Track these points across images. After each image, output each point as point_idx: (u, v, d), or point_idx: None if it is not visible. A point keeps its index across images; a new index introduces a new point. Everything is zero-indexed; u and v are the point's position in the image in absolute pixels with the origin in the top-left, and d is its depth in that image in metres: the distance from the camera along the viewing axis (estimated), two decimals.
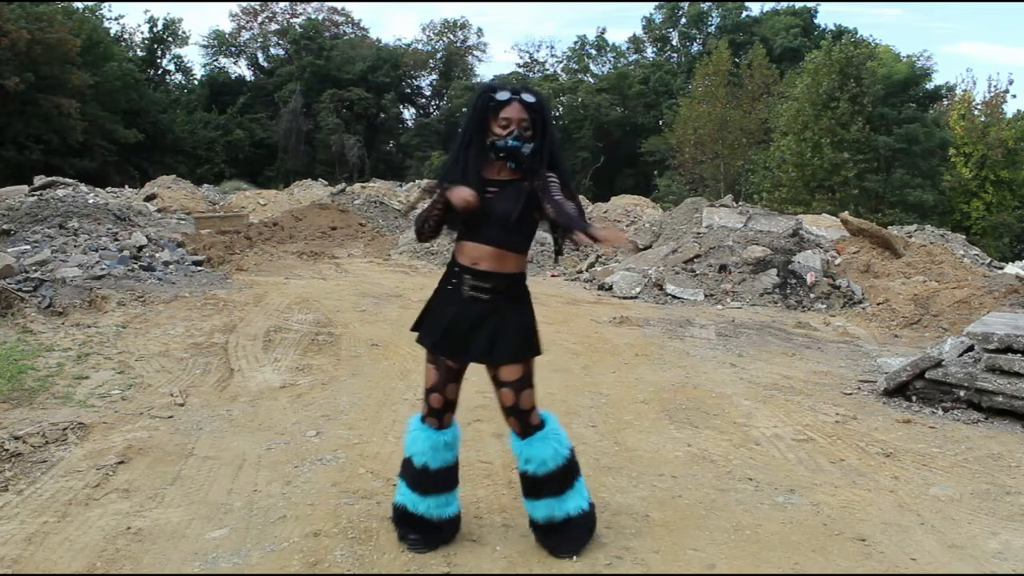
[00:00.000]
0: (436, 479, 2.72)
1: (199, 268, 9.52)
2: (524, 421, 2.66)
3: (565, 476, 2.70)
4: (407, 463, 2.75)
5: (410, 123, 52.45)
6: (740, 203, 15.57)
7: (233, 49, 51.76)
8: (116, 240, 9.54)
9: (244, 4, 51.05)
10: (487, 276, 2.60)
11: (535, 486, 2.69)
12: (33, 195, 13.00)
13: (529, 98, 2.57)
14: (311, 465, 3.53)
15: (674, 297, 9.40)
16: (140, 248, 9.43)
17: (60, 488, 3.19)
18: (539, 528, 2.74)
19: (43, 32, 30.51)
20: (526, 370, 2.64)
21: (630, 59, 50.37)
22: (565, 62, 51.97)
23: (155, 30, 46.78)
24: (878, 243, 10.83)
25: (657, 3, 48.36)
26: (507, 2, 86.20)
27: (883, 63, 30.13)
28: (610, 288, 10.00)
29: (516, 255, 2.65)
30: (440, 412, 2.71)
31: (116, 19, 58.69)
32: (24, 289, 6.79)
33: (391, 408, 4.46)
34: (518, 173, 2.59)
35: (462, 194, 2.47)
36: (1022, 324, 4.76)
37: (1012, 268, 12.64)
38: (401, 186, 25.73)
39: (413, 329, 2.80)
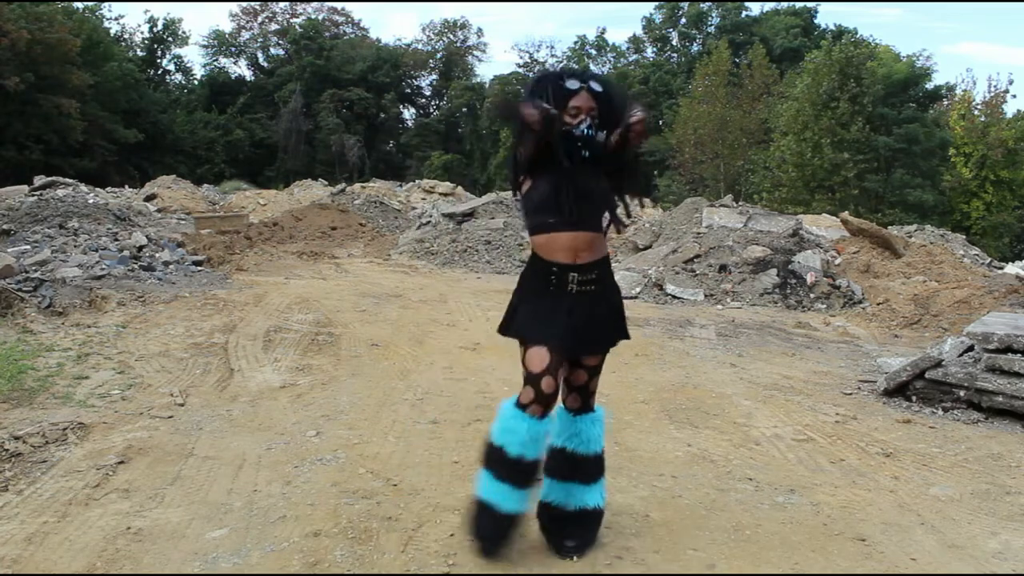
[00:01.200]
0: (530, 471, 2.56)
1: (199, 268, 9.52)
2: (586, 400, 2.69)
3: (598, 466, 2.74)
4: (497, 453, 2.55)
5: (410, 123, 52.50)
6: (740, 203, 15.57)
7: (233, 49, 51.80)
8: (116, 240, 9.54)
9: (244, 4, 51.13)
10: (590, 268, 2.58)
11: (570, 465, 2.67)
12: (33, 195, 13.00)
13: (597, 87, 2.55)
14: (311, 465, 3.53)
15: (674, 297, 9.40)
16: (140, 248, 9.43)
17: (60, 488, 3.19)
18: (550, 512, 2.70)
19: (43, 32, 30.53)
20: (605, 355, 2.69)
21: (630, 59, 50.39)
22: (565, 62, 51.95)
23: (155, 30, 46.83)
24: (878, 243, 10.83)
25: (657, 3, 48.38)
26: (507, 2, 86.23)
27: (883, 63, 30.15)
28: None
29: (603, 237, 2.65)
30: (549, 398, 2.51)
31: (116, 19, 58.75)
32: (24, 289, 6.79)
33: (391, 408, 4.46)
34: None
35: (533, 112, 2.35)
36: (1022, 324, 4.76)
37: (1012, 268, 12.64)
38: (401, 186, 25.73)
39: (503, 333, 2.67)
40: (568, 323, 2.53)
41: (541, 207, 2.55)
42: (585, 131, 2.48)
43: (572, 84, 2.52)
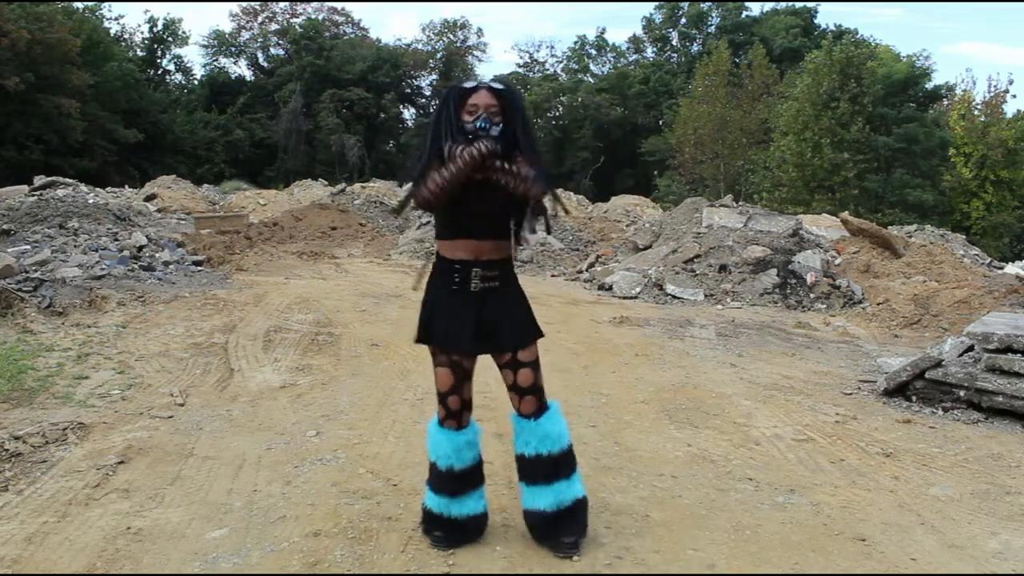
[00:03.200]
0: (463, 479, 2.74)
1: (199, 268, 9.52)
2: (541, 399, 2.72)
3: (572, 458, 2.77)
4: (432, 468, 2.77)
5: (410, 123, 52.44)
6: (740, 203, 15.57)
7: (233, 49, 51.76)
8: (116, 240, 9.54)
9: (244, 4, 51.08)
10: (493, 265, 2.66)
11: (552, 467, 2.69)
12: (33, 195, 13.00)
13: (496, 86, 2.64)
14: (311, 465, 3.53)
15: (674, 297, 9.40)
16: (140, 248, 9.43)
17: (60, 488, 3.19)
18: (546, 518, 2.70)
19: (43, 32, 30.51)
20: (535, 348, 2.73)
21: (630, 59, 50.39)
22: (565, 62, 52.01)
23: (155, 30, 46.80)
24: (878, 243, 10.83)
25: (657, 3, 48.40)
26: (507, 2, 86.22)
27: (883, 63, 30.15)
28: (610, 288, 10.00)
29: (508, 242, 2.72)
30: (459, 413, 2.73)
31: (116, 19, 58.76)
32: (24, 289, 6.79)
33: (391, 408, 4.46)
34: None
35: (474, 150, 2.49)
36: (1022, 324, 4.76)
37: (1012, 268, 12.63)
38: (401, 186, 25.72)
39: (420, 341, 2.77)
40: (473, 321, 2.63)
41: (444, 220, 2.67)
42: (478, 124, 2.56)
43: (469, 84, 2.64)
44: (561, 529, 2.70)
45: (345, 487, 3.28)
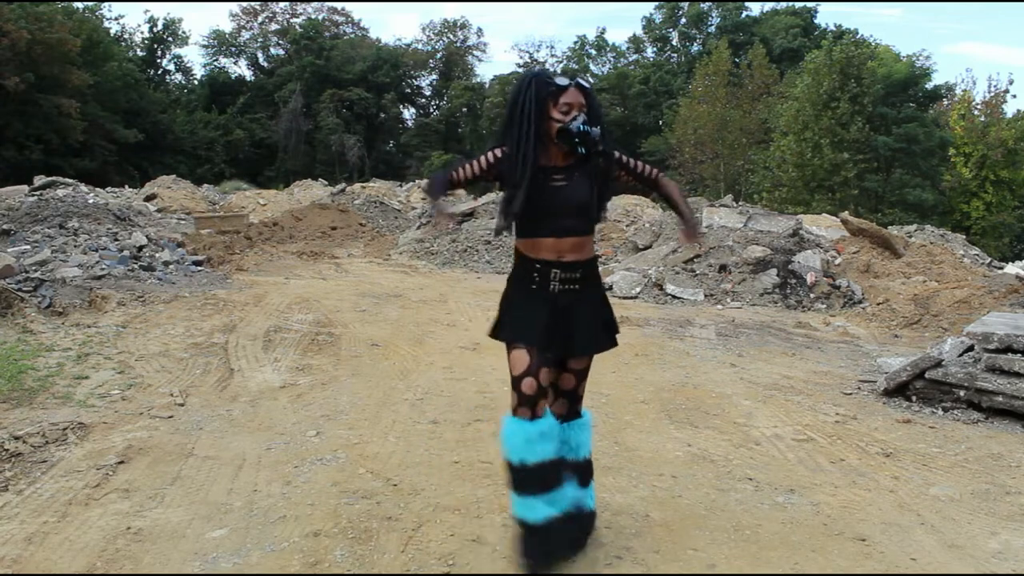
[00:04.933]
0: (536, 476, 2.49)
1: (199, 268, 9.52)
2: (574, 406, 2.70)
3: (589, 471, 2.75)
4: (508, 466, 2.53)
5: (410, 123, 52.49)
6: (740, 203, 15.58)
7: (233, 49, 51.81)
8: (116, 240, 9.54)
9: (244, 4, 51.12)
10: (574, 266, 2.57)
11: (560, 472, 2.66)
12: (33, 195, 13.01)
13: (584, 83, 2.56)
14: (311, 465, 3.53)
15: (674, 297, 9.40)
16: (140, 248, 9.43)
17: (60, 488, 3.19)
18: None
19: (43, 32, 30.53)
20: (592, 358, 2.69)
21: (630, 59, 50.43)
22: (565, 62, 51.99)
23: (155, 30, 46.87)
24: (878, 243, 10.83)
25: (657, 3, 48.42)
26: (507, 2, 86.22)
27: (883, 63, 30.16)
28: (610, 288, 10.00)
29: (592, 239, 2.66)
30: (533, 400, 2.47)
31: (116, 19, 58.68)
32: (24, 289, 6.79)
33: (391, 408, 4.46)
34: (572, 158, 2.54)
35: (441, 220, 2.50)
36: (1022, 324, 4.76)
37: (1012, 268, 12.63)
38: (401, 186, 25.74)
39: (493, 335, 2.65)
40: (548, 322, 2.53)
41: (525, 220, 2.57)
42: (580, 127, 2.47)
43: (562, 81, 2.52)
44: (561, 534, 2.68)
45: (345, 487, 3.28)
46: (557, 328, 2.54)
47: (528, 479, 2.49)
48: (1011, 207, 29.35)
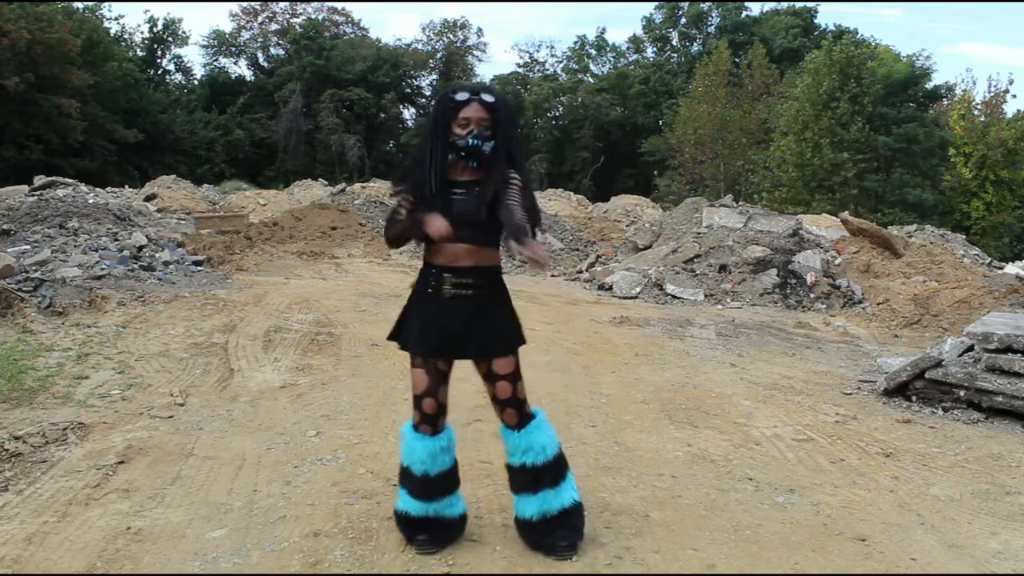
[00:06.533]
0: (438, 484, 2.70)
1: (199, 268, 9.52)
2: (521, 411, 2.69)
3: (560, 466, 2.73)
4: (406, 472, 2.72)
5: (410, 123, 52.41)
6: (740, 203, 15.58)
7: (233, 49, 51.76)
8: (116, 240, 9.54)
9: (244, 4, 51.04)
10: (467, 272, 2.62)
11: (534, 477, 2.68)
12: (33, 195, 13.01)
13: (488, 98, 2.60)
14: (311, 465, 3.53)
15: (674, 297, 9.40)
16: (140, 248, 9.43)
17: (60, 488, 3.19)
18: (533, 526, 2.70)
19: (43, 32, 30.51)
20: (517, 361, 2.69)
21: (630, 59, 50.40)
22: (565, 62, 51.99)
23: (155, 30, 46.83)
24: (878, 243, 10.83)
25: (657, 3, 48.39)
26: (507, 2, 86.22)
27: (883, 63, 30.16)
28: (610, 288, 10.00)
29: (491, 249, 2.68)
30: (434, 417, 2.68)
31: (116, 19, 58.54)
32: (24, 289, 6.79)
33: (391, 408, 4.46)
34: (479, 172, 2.61)
35: (439, 227, 2.50)
36: (1022, 324, 4.76)
37: (1012, 268, 12.63)
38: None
39: (391, 338, 2.78)
40: (440, 326, 2.61)
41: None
42: (470, 142, 2.55)
43: (461, 96, 2.59)
44: (555, 534, 2.69)
45: (345, 487, 3.28)
46: (447, 332, 2.61)
47: (431, 488, 2.68)
48: (1011, 207, 29.37)
